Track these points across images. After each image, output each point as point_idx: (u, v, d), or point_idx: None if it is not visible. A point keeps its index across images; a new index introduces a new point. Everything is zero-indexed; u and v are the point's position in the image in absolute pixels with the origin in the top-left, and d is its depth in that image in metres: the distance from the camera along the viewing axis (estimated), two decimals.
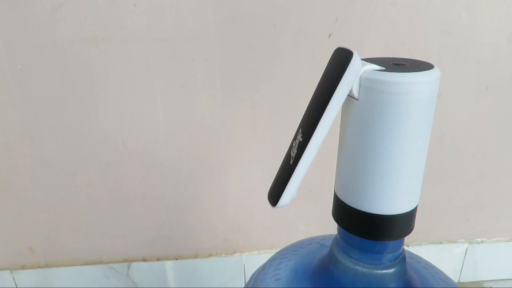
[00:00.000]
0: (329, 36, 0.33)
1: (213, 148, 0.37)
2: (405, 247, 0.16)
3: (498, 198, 0.42)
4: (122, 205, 0.39)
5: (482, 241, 0.44)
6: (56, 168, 0.37)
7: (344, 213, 0.15)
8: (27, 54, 0.32)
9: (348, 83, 0.12)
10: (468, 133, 0.38)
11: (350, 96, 0.13)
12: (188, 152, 0.37)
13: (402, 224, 0.14)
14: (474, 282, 0.45)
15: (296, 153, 0.14)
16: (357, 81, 0.13)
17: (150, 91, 0.34)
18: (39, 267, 0.41)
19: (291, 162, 0.14)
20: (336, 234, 0.16)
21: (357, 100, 0.13)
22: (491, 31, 0.34)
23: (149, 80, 0.34)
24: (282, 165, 0.15)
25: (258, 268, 0.19)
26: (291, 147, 0.14)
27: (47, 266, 0.41)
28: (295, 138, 0.14)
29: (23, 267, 0.41)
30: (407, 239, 0.19)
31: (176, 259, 0.42)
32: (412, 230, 0.15)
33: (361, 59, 0.13)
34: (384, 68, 0.13)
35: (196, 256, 0.42)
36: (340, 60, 0.13)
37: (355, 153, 0.14)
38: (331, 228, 0.27)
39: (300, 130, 0.14)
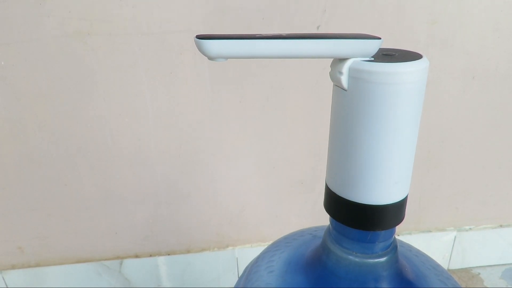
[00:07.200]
0: (318, 28, 0.33)
1: (203, 142, 0.37)
2: (396, 236, 0.16)
3: (485, 186, 0.43)
4: (112, 201, 0.39)
5: (470, 228, 0.45)
6: (44, 165, 0.36)
7: (336, 204, 0.15)
8: (11, 50, 0.32)
9: None
10: (455, 122, 0.39)
11: (339, 87, 0.13)
12: (179, 146, 0.37)
13: (393, 213, 0.14)
14: (463, 268, 0.46)
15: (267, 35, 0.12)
16: (346, 72, 0.13)
17: (138, 86, 0.34)
18: (29, 266, 0.41)
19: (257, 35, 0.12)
20: (328, 225, 0.16)
21: (346, 91, 0.13)
22: (478, 20, 0.34)
23: (136, 74, 0.33)
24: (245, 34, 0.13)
25: (252, 261, 0.19)
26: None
27: (37, 265, 0.41)
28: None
29: (13, 267, 0.41)
30: (397, 228, 0.19)
31: (168, 255, 0.42)
32: (402, 219, 0.15)
33: None
34: (372, 59, 0.13)
35: (188, 251, 0.42)
36: None
37: (345, 144, 0.14)
38: (323, 219, 0.27)
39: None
